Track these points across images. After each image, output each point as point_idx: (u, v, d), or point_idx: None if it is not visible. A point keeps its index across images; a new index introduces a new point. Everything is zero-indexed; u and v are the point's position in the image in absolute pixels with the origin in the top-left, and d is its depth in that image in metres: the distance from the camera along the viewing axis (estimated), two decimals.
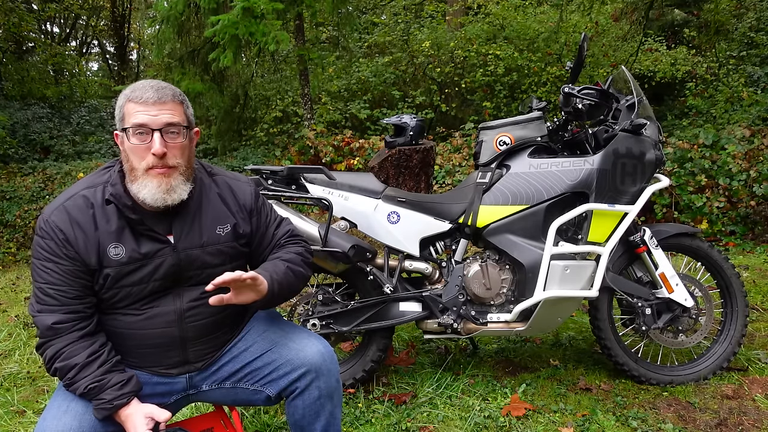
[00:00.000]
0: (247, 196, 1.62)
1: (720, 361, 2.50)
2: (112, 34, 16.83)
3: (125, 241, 1.43)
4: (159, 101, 1.39)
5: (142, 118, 1.38)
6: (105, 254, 1.41)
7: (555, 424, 2.23)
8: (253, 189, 1.65)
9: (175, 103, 1.43)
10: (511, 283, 2.43)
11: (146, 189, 1.39)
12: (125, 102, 1.41)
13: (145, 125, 1.38)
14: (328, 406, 1.58)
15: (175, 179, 1.42)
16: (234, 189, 1.61)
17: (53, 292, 1.40)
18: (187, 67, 7.01)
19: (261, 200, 1.67)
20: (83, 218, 1.41)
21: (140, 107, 1.38)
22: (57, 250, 1.40)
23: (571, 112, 2.39)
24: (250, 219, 1.61)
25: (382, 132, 7.97)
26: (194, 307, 1.52)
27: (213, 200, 1.56)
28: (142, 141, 1.38)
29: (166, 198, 1.41)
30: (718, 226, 4.86)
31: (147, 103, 1.38)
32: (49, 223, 1.40)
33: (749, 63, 8.43)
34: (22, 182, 7.30)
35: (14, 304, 4.36)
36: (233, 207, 1.58)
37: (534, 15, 9.61)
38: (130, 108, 1.40)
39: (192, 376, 1.59)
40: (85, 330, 1.42)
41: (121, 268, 1.42)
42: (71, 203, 1.43)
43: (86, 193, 1.44)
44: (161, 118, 1.39)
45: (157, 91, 1.40)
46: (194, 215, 1.51)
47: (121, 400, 1.38)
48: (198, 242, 1.50)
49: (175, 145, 1.41)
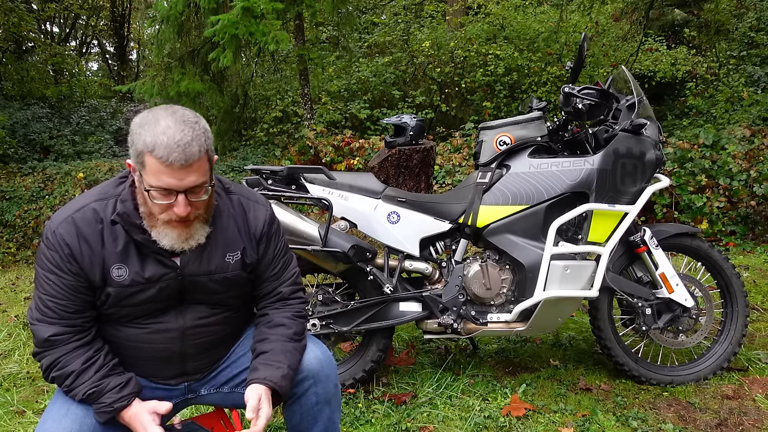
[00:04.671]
0: (260, 222, 1.54)
1: (720, 362, 2.50)
2: (112, 34, 16.85)
3: (130, 263, 1.38)
4: (186, 164, 1.27)
5: (167, 182, 1.28)
6: (108, 273, 1.38)
7: (555, 424, 2.23)
8: (269, 215, 1.57)
9: (201, 161, 1.31)
10: (511, 283, 2.43)
11: (166, 239, 1.36)
12: (146, 153, 1.27)
13: (170, 189, 1.30)
14: (326, 411, 1.57)
15: (195, 227, 1.38)
16: (247, 212, 1.53)
17: (53, 305, 1.37)
18: (187, 67, 7.00)
19: (275, 227, 1.58)
20: (91, 233, 1.37)
21: (165, 169, 1.27)
22: (61, 264, 1.36)
23: (571, 112, 2.39)
24: (257, 246, 1.53)
25: (382, 132, 7.96)
26: (198, 326, 1.49)
27: (226, 225, 1.49)
28: (165, 199, 1.31)
29: (184, 246, 1.38)
30: (718, 226, 4.86)
31: (173, 167, 1.27)
32: (56, 235, 1.36)
33: (749, 63, 8.43)
34: (22, 182, 7.30)
35: (14, 304, 4.36)
36: (243, 232, 1.52)
37: (534, 15, 9.60)
38: (152, 164, 1.27)
39: (190, 383, 1.59)
40: (82, 341, 1.40)
41: (123, 290, 1.39)
42: (80, 216, 1.37)
43: (96, 207, 1.39)
44: (187, 181, 1.30)
45: (184, 152, 1.26)
46: (206, 241, 1.44)
47: (121, 403, 1.38)
48: (206, 270, 1.45)
49: (199, 202, 1.35)
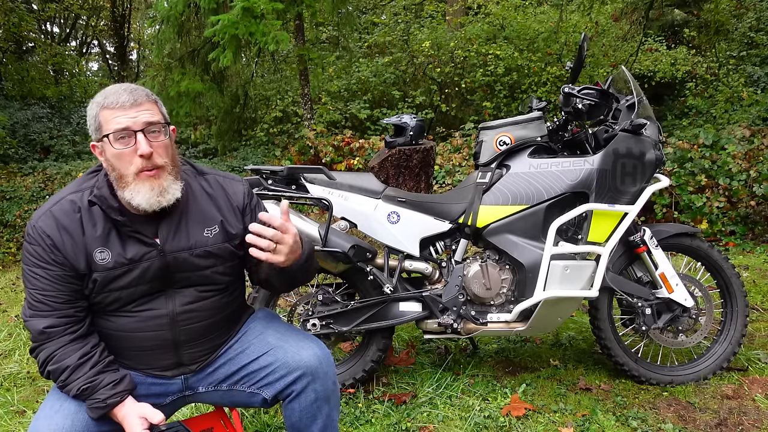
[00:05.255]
0: (239, 195, 1.59)
1: (720, 361, 2.50)
2: (112, 34, 16.82)
3: (111, 246, 1.41)
4: (135, 103, 1.37)
5: (122, 122, 1.35)
6: (92, 258, 1.40)
7: (555, 424, 2.23)
8: (246, 188, 1.62)
9: (150, 102, 1.41)
10: (511, 283, 2.43)
11: (140, 195, 1.37)
12: (99, 110, 1.38)
13: (127, 128, 1.35)
14: (325, 408, 1.58)
15: (166, 179, 1.40)
16: (226, 188, 1.58)
17: (43, 298, 1.39)
18: (187, 67, 7.00)
19: (255, 200, 1.64)
20: (70, 223, 1.40)
21: (118, 112, 1.36)
22: (45, 256, 1.39)
23: (571, 112, 2.39)
24: (243, 218, 1.57)
25: (382, 132, 7.97)
26: (187, 311, 1.51)
27: (201, 201, 1.53)
28: (125, 145, 1.36)
29: (161, 200, 1.39)
30: (718, 226, 4.86)
31: (124, 107, 1.36)
32: (36, 229, 1.39)
33: (749, 63, 8.43)
34: (22, 182, 7.30)
35: (14, 304, 4.36)
36: (224, 206, 1.55)
37: (534, 15, 9.61)
38: (106, 115, 1.37)
39: (188, 378, 1.59)
40: (77, 333, 1.42)
41: (107, 273, 1.41)
42: (58, 208, 1.41)
43: (73, 198, 1.43)
44: (141, 118, 1.36)
45: (131, 93, 1.38)
46: (181, 217, 1.48)
47: (114, 399, 1.39)
48: (185, 245, 1.47)
49: (159, 144, 1.39)
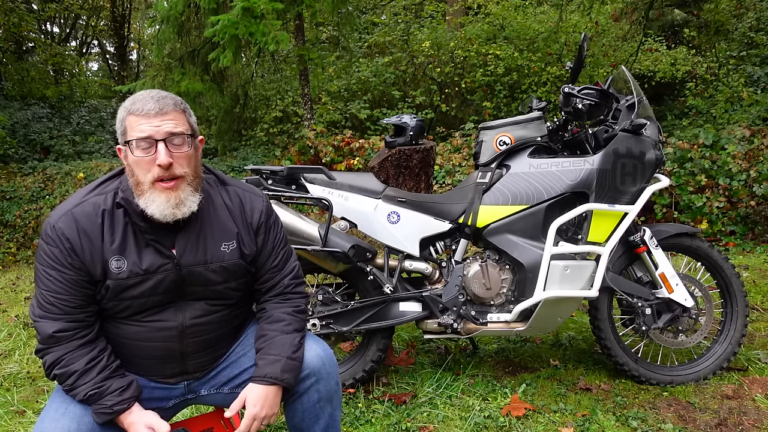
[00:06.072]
0: (256, 212, 1.55)
1: (720, 361, 2.50)
2: (112, 34, 16.82)
3: (128, 255, 1.39)
4: (161, 112, 1.35)
5: (144, 130, 1.34)
6: (108, 266, 1.38)
7: (555, 424, 2.23)
8: (265, 205, 1.58)
9: (177, 112, 1.38)
10: (511, 283, 2.43)
11: (154, 204, 1.35)
12: (126, 115, 1.37)
13: (149, 137, 1.34)
14: (328, 408, 1.58)
15: (184, 191, 1.38)
16: (244, 203, 1.55)
17: (55, 300, 1.37)
18: (187, 67, 7.00)
19: (273, 217, 1.60)
20: (91, 227, 1.38)
21: (142, 119, 1.34)
22: (62, 259, 1.36)
23: (571, 112, 2.39)
24: (256, 237, 1.54)
25: (382, 132, 7.97)
26: (196, 324, 1.49)
27: (221, 214, 1.51)
28: (146, 153, 1.34)
29: (176, 212, 1.37)
30: (718, 226, 4.86)
31: (149, 115, 1.34)
32: (56, 230, 1.36)
33: (749, 63, 8.43)
34: (22, 182, 7.30)
35: (14, 304, 4.36)
36: (239, 222, 1.52)
37: (534, 15, 9.61)
38: (131, 121, 1.36)
39: (190, 383, 1.59)
40: (86, 338, 1.40)
41: (121, 282, 1.39)
42: (80, 210, 1.39)
43: (96, 200, 1.40)
44: (164, 128, 1.35)
45: (158, 102, 1.36)
46: (200, 230, 1.46)
47: (121, 406, 1.38)
48: (202, 259, 1.46)
49: (180, 155, 1.37)
